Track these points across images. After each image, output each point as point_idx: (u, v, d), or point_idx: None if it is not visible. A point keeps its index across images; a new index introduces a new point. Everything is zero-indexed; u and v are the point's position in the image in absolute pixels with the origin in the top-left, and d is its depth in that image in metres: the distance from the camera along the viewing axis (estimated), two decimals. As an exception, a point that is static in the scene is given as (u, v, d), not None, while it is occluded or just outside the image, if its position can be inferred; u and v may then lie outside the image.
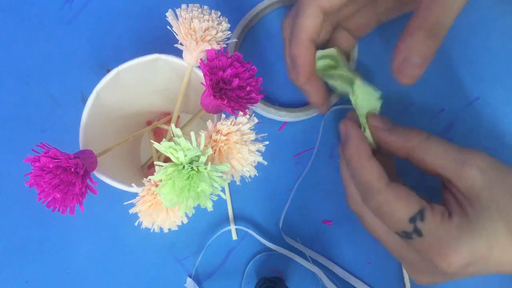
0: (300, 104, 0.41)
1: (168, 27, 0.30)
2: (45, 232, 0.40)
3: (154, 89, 0.35)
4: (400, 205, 0.27)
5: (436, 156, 0.28)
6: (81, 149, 0.30)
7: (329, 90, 0.40)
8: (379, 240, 0.31)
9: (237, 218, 0.40)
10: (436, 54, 0.40)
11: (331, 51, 0.34)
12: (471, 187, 0.27)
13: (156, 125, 0.36)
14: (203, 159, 0.24)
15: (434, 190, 0.31)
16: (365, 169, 0.29)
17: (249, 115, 0.27)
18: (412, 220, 0.27)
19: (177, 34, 0.30)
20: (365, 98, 0.32)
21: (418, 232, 0.27)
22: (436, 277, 0.29)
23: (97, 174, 0.29)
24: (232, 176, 0.28)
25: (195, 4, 0.30)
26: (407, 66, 0.28)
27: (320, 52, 0.34)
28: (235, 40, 0.39)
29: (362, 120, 0.32)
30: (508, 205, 0.26)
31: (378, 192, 0.28)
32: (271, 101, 0.41)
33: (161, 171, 0.24)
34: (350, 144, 0.30)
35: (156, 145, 0.25)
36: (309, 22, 0.30)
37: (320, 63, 0.34)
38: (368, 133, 0.32)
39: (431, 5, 0.27)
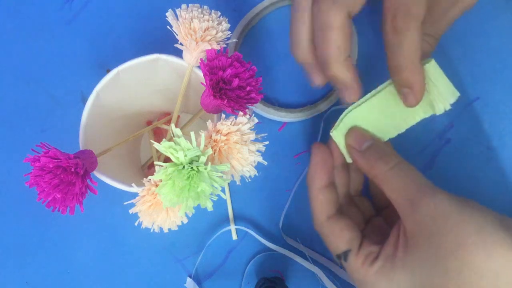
0: (300, 104, 0.41)
1: (168, 27, 0.30)
2: (45, 232, 0.40)
3: (154, 89, 0.35)
4: (331, 241, 0.30)
5: (392, 190, 0.27)
6: (81, 149, 0.30)
7: (331, 89, 0.40)
8: None
9: (237, 218, 0.40)
10: (436, 54, 0.40)
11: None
12: (414, 230, 0.26)
13: (156, 125, 0.36)
14: (203, 159, 0.24)
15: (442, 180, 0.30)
16: (312, 200, 0.31)
17: (249, 115, 0.27)
18: (338, 257, 0.30)
19: (177, 34, 0.30)
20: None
21: (343, 268, 0.30)
22: None
23: (97, 174, 0.29)
24: (232, 176, 0.28)
25: (195, 4, 0.30)
26: (411, 97, 0.29)
27: None
28: (235, 40, 0.39)
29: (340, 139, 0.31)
30: (451, 252, 0.24)
31: (317, 224, 0.31)
32: (271, 101, 0.41)
33: (161, 171, 0.24)
34: (308, 171, 0.32)
35: (156, 145, 0.25)
36: (339, 38, 0.27)
37: None
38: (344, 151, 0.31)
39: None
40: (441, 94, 0.29)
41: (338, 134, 0.31)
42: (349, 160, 0.31)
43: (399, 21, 0.27)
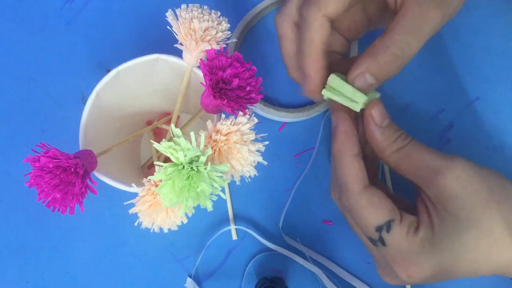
0: (300, 104, 0.41)
1: (168, 27, 0.30)
2: (45, 232, 0.40)
3: (154, 89, 0.35)
4: (370, 212, 0.27)
5: (409, 163, 0.28)
6: (81, 149, 0.30)
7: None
8: (356, 234, 0.32)
9: (237, 218, 0.40)
10: (436, 54, 0.40)
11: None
12: (440, 197, 0.26)
13: (156, 125, 0.36)
14: (203, 159, 0.24)
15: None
16: (345, 169, 0.29)
17: (249, 115, 0.27)
18: (379, 229, 0.27)
19: (177, 34, 0.30)
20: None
21: (383, 242, 0.27)
22: (401, 281, 0.29)
23: (97, 174, 0.29)
24: (232, 176, 0.28)
25: (195, 4, 0.30)
26: (361, 80, 0.28)
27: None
28: (235, 40, 0.39)
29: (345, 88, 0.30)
30: (482, 213, 0.25)
31: (352, 195, 0.28)
32: (271, 101, 0.41)
33: (161, 171, 0.24)
34: (337, 139, 0.30)
35: (156, 145, 0.25)
36: (318, 36, 0.29)
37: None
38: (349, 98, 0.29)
39: (403, 32, 0.26)
40: (348, 98, 0.29)
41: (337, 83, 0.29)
42: (356, 108, 0.29)
43: (305, 11, 0.28)
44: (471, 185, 0.26)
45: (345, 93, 0.29)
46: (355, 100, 0.29)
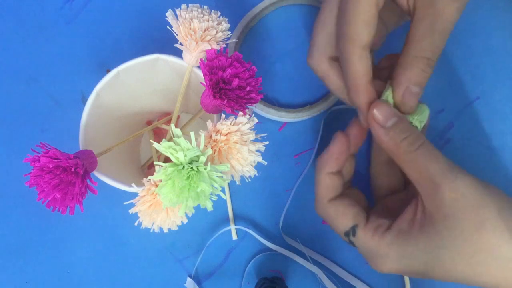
0: (300, 104, 0.41)
1: (168, 27, 0.30)
2: (45, 232, 0.40)
3: (154, 89, 0.35)
4: (336, 220, 0.31)
5: (415, 170, 0.27)
6: (81, 149, 0.30)
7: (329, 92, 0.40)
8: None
9: (237, 218, 0.40)
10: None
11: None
12: (435, 211, 0.26)
13: (156, 125, 0.36)
14: (203, 159, 0.24)
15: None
16: (317, 183, 0.32)
17: (249, 115, 0.27)
18: (346, 234, 0.30)
19: (177, 34, 0.30)
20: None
21: (352, 244, 0.31)
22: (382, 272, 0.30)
23: (97, 174, 0.29)
24: (232, 176, 0.28)
25: (195, 4, 0.30)
26: (410, 96, 0.28)
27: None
28: (235, 40, 0.39)
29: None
30: (469, 241, 0.25)
31: (322, 206, 0.32)
32: (271, 101, 0.41)
33: (161, 171, 0.24)
34: (322, 154, 0.32)
35: (156, 145, 0.25)
36: (360, 68, 0.28)
37: None
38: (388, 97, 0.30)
39: (426, 35, 0.27)
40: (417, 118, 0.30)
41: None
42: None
43: (341, 46, 0.29)
44: (464, 210, 0.25)
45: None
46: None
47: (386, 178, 0.35)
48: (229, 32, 0.30)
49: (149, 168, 0.40)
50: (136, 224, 0.29)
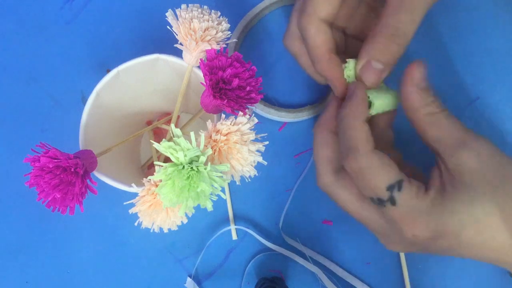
0: (300, 104, 0.41)
1: (168, 27, 0.30)
2: (45, 232, 0.40)
3: (154, 89, 0.35)
4: (382, 171, 0.27)
5: (437, 130, 0.28)
6: (81, 149, 0.30)
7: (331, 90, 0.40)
8: (351, 213, 0.31)
9: (237, 218, 0.40)
10: (436, 54, 0.40)
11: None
12: (460, 167, 0.27)
13: (156, 125, 0.36)
14: (203, 159, 0.24)
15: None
16: (356, 130, 0.28)
17: (249, 115, 0.27)
18: (390, 188, 0.27)
19: (177, 34, 0.30)
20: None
21: (392, 201, 0.27)
22: (407, 247, 0.29)
23: (97, 174, 0.29)
24: (232, 176, 0.28)
25: (195, 4, 0.30)
26: (368, 70, 0.29)
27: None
28: (235, 40, 0.39)
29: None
30: (501, 191, 0.26)
31: (363, 155, 0.28)
32: (271, 101, 0.41)
33: (161, 171, 0.24)
34: (351, 103, 0.29)
35: (156, 145, 0.25)
36: (318, 41, 0.30)
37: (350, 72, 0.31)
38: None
39: (394, 12, 0.28)
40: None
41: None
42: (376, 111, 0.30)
43: (301, 22, 0.29)
44: (492, 165, 0.27)
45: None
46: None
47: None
48: (229, 32, 0.30)
49: (149, 168, 0.40)
50: (136, 224, 0.29)
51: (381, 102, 0.30)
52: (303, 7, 0.30)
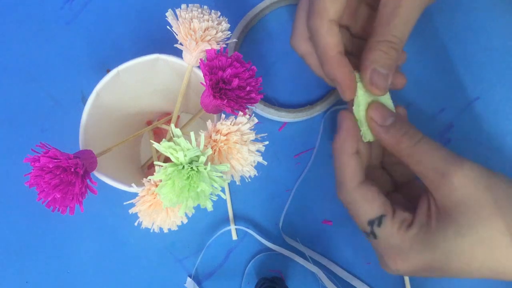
0: (300, 104, 0.41)
1: (168, 27, 0.30)
2: (45, 232, 0.40)
3: (154, 89, 0.35)
4: (363, 207, 0.29)
5: (419, 163, 0.28)
6: (81, 149, 0.30)
7: (331, 90, 0.40)
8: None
9: (237, 218, 0.40)
10: (436, 54, 0.40)
11: None
12: (446, 199, 0.26)
13: (156, 125, 0.36)
14: (203, 159, 0.24)
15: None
16: (342, 166, 0.30)
17: (249, 115, 0.27)
18: (370, 223, 0.29)
19: (177, 34, 0.30)
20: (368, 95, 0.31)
21: (374, 235, 0.29)
22: (392, 272, 0.29)
23: (97, 174, 0.29)
24: (232, 176, 0.28)
25: (195, 4, 0.30)
26: (378, 76, 0.29)
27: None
28: (235, 40, 0.39)
29: (360, 115, 0.31)
30: (484, 221, 0.25)
31: (347, 190, 0.29)
32: (271, 101, 0.41)
33: (161, 171, 0.24)
34: (338, 136, 0.31)
35: (156, 145, 0.25)
36: (329, 41, 0.30)
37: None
38: (364, 129, 0.31)
39: (389, 21, 0.28)
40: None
41: (360, 110, 0.30)
42: (366, 139, 0.31)
43: (310, 23, 0.30)
44: (476, 193, 0.26)
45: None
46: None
47: (401, 167, 0.34)
48: (229, 32, 0.30)
49: (149, 168, 0.40)
50: (136, 224, 0.29)
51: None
52: (312, 7, 0.30)
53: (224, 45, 0.30)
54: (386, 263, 0.28)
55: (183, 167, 0.24)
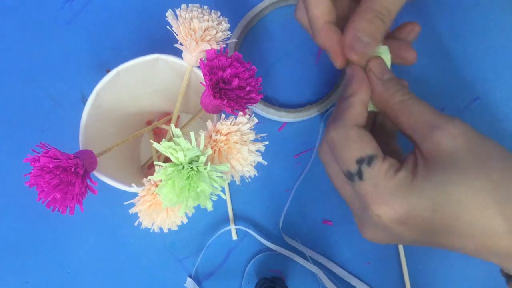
0: (300, 104, 0.41)
1: (168, 27, 0.30)
2: (45, 232, 0.40)
3: (154, 89, 0.35)
4: (355, 144, 0.28)
5: (409, 116, 0.28)
6: (81, 149, 0.30)
7: (331, 90, 0.40)
8: (336, 188, 0.31)
9: (237, 218, 0.40)
10: (436, 54, 0.40)
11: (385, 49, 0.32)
12: (434, 150, 0.26)
13: (156, 125, 0.36)
14: (203, 159, 0.24)
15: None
16: (351, 108, 0.29)
17: (249, 115, 0.27)
18: (359, 161, 0.27)
19: (177, 34, 0.30)
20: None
21: (360, 175, 0.27)
22: (378, 233, 0.28)
23: (97, 174, 0.29)
24: (232, 176, 0.28)
25: (195, 4, 0.30)
26: (357, 43, 0.29)
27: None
28: (235, 40, 0.39)
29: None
30: (473, 173, 0.25)
31: (344, 126, 0.28)
32: (271, 101, 0.41)
33: (161, 171, 0.24)
34: (353, 82, 0.30)
35: (156, 145, 0.25)
36: (319, 10, 0.30)
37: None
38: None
39: None
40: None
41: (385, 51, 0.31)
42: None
43: None
44: (466, 145, 0.26)
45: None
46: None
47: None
48: (229, 32, 0.30)
49: (149, 168, 0.40)
50: (136, 224, 0.29)
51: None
52: None
53: (224, 45, 0.30)
54: (368, 209, 0.27)
55: (183, 167, 0.24)
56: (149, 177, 0.27)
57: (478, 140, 0.26)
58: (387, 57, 0.31)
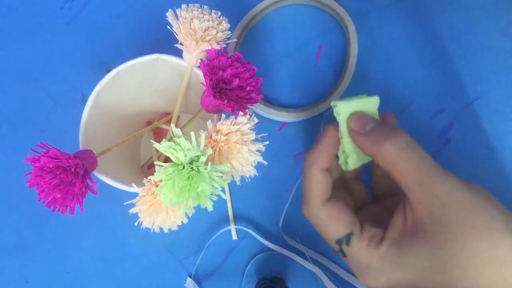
0: (300, 104, 0.41)
1: (168, 27, 0.30)
2: (45, 232, 0.40)
3: (154, 89, 0.35)
4: (330, 226, 0.28)
5: (401, 172, 0.26)
6: (81, 149, 0.30)
7: (331, 90, 0.40)
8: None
9: (237, 218, 0.40)
10: (436, 54, 0.40)
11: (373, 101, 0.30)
12: (423, 215, 0.25)
13: (156, 125, 0.36)
14: (203, 159, 0.24)
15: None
16: (310, 182, 0.29)
17: (249, 115, 0.27)
18: (339, 242, 0.28)
19: (177, 34, 0.30)
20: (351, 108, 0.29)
21: (343, 254, 0.28)
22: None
23: (97, 174, 0.29)
24: (232, 176, 0.28)
25: (195, 4, 0.30)
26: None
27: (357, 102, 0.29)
28: (235, 40, 0.39)
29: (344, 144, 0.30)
30: (465, 240, 0.24)
31: (315, 208, 0.29)
32: (271, 101, 0.41)
33: (161, 171, 0.24)
34: (313, 150, 0.30)
35: (156, 145, 0.25)
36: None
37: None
38: (342, 158, 0.30)
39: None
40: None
41: (344, 141, 0.29)
42: (346, 167, 0.30)
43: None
44: (456, 212, 0.24)
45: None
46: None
47: (389, 180, 0.33)
48: (229, 32, 0.30)
49: (149, 168, 0.40)
50: (136, 224, 0.29)
51: (356, 157, 0.29)
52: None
53: (224, 45, 0.30)
54: (359, 280, 0.28)
55: (184, 167, 0.24)
56: (149, 177, 0.27)
57: (468, 204, 0.24)
58: (371, 104, 0.29)
